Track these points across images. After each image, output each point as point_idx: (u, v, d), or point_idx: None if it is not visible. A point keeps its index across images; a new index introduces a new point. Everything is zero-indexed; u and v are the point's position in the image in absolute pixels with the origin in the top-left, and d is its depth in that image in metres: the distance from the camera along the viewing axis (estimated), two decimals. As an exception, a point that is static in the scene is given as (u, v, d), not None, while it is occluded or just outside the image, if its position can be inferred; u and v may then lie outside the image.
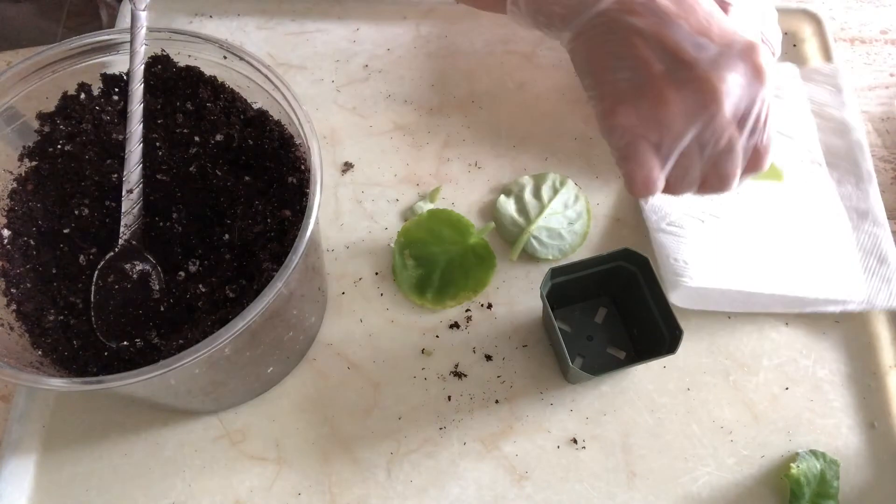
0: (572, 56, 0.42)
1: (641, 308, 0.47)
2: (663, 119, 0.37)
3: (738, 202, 0.52)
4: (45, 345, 0.40)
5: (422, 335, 0.50)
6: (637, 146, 0.38)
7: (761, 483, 0.46)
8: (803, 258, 0.50)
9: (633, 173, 0.39)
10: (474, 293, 0.51)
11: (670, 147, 0.38)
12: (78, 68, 0.43)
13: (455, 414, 0.48)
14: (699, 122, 0.37)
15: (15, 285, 0.41)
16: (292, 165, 0.42)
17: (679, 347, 0.43)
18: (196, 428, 0.47)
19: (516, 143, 0.58)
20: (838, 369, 0.50)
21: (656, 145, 0.38)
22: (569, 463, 0.46)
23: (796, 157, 0.55)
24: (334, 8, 0.63)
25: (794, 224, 0.52)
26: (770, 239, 0.51)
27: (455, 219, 0.53)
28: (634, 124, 0.38)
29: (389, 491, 0.45)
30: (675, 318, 0.44)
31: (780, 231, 0.52)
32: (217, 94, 0.44)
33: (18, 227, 0.42)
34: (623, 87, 0.38)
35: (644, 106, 0.37)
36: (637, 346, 0.49)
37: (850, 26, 0.66)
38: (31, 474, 0.45)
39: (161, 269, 0.43)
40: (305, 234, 0.36)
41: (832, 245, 0.51)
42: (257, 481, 0.45)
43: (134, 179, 0.41)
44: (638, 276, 0.47)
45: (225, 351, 0.37)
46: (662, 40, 0.37)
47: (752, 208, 0.52)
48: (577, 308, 0.51)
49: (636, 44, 0.37)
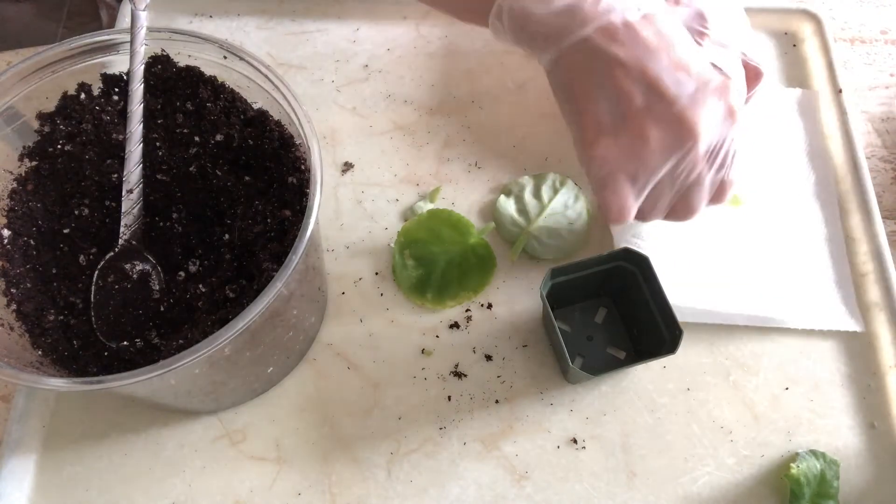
0: (551, 77, 0.43)
1: (641, 308, 0.47)
2: (641, 154, 0.38)
3: (702, 218, 0.53)
4: (45, 345, 0.40)
5: (422, 335, 0.50)
6: (615, 177, 0.39)
7: (761, 483, 0.46)
8: (760, 277, 0.51)
9: (609, 203, 0.40)
10: (474, 293, 0.51)
11: (646, 179, 0.39)
12: (78, 68, 0.43)
13: (455, 414, 0.48)
14: (675, 158, 0.39)
15: (15, 285, 0.41)
16: (292, 165, 0.42)
17: (679, 347, 0.43)
18: (196, 428, 0.47)
19: (516, 143, 0.58)
20: (838, 369, 0.50)
21: (632, 176, 0.39)
22: (569, 463, 0.46)
23: (766, 180, 0.55)
24: (334, 8, 0.63)
25: (752, 241, 0.53)
26: (729, 254, 0.52)
27: (455, 219, 0.53)
28: (614, 157, 0.39)
29: (389, 491, 0.45)
30: (675, 317, 0.44)
31: (739, 246, 0.53)
32: (217, 94, 0.44)
33: (18, 227, 0.42)
34: (604, 118, 0.39)
35: (624, 140, 0.39)
36: (637, 346, 0.49)
37: (850, 26, 0.66)
38: (31, 474, 0.45)
39: (161, 269, 0.43)
40: (305, 234, 0.36)
41: (799, 267, 0.52)
42: (257, 481, 0.45)
43: (134, 179, 0.41)
44: (637, 276, 0.47)
45: (225, 351, 0.37)
46: (644, 73, 0.38)
47: (718, 223, 0.53)
48: (577, 308, 0.51)
49: (617, 75, 0.38)
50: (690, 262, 0.52)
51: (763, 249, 0.53)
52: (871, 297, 0.51)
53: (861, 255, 0.53)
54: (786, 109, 0.59)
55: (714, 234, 0.53)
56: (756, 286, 0.51)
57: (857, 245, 0.53)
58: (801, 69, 0.61)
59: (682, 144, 0.38)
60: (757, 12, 0.63)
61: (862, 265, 0.53)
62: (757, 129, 0.57)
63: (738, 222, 0.54)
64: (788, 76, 0.61)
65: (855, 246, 0.53)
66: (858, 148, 0.56)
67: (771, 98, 0.59)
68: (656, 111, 0.38)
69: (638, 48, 0.38)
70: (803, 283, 0.52)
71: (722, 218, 0.54)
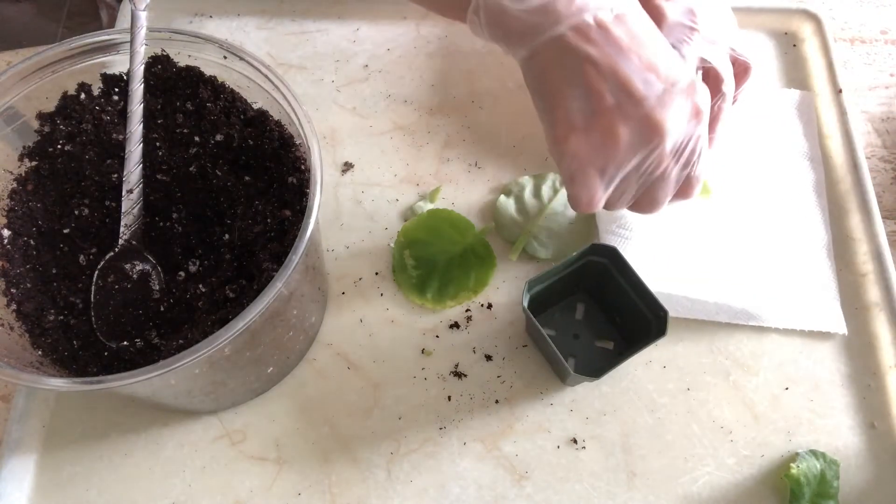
0: (525, 73, 0.44)
1: (620, 297, 0.47)
2: (610, 150, 0.40)
3: (689, 209, 0.53)
4: (45, 345, 0.40)
5: (422, 335, 0.50)
6: (585, 171, 0.41)
7: (761, 483, 0.46)
8: (744, 273, 0.51)
9: (579, 195, 0.42)
10: (474, 293, 0.51)
11: (614, 173, 0.41)
12: (78, 68, 0.43)
13: (455, 414, 0.48)
14: (642, 154, 0.40)
15: (15, 285, 0.41)
16: (292, 165, 0.42)
17: (667, 328, 0.43)
18: (196, 428, 0.47)
19: (516, 143, 0.58)
20: (838, 369, 0.50)
21: (601, 170, 0.41)
22: (569, 463, 0.46)
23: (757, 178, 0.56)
24: (334, 8, 0.63)
25: (739, 238, 0.53)
26: (714, 246, 0.52)
27: (455, 219, 0.53)
28: (584, 152, 0.40)
29: (389, 491, 0.45)
30: (656, 300, 0.44)
31: (725, 239, 0.53)
32: (217, 94, 0.44)
33: (18, 227, 0.42)
34: (575, 115, 0.40)
35: (595, 137, 0.40)
36: (623, 334, 0.49)
37: (850, 26, 0.66)
38: (31, 474, 0.45)
39: (161, 269, 0.43)
40: (305, 234, 0.36)
41: (778, 265, 0.52)
42: (257, 481, 0.45)
43: (134, 179, 0.41)
44: (610, 268, 0.47)
45: (225, 351, 0.37)
46: (614, 72, 0.39)
47: (703, 215, 0.53)
48: (556, 310, 0.51)
49: (589, 73, 0.39)
50: (674, 255, 0.52)
51: (749, 246, 0.53)
52: (871, 297, 0.51)
53: (861, 255, 0.53)
54: (783, 111, 0.59)
55: (699, 229, 0.53)
56: (740, 282, 0.51)
57: (857, 245, 0.53)
58: (801, 69, 0.61)
59: (649, 142, 0.40)
60: (757, 12, 0.63)
61: (862, 265, 0.53)
62: (753, 129, 0.57)
63: (726, 218, 0.54)
64: (788, 76, 0.61)
65: (855, 246, 0.53)
66: (858, 148, 0.56)
67: (768, 99, 0.59)
68: (625, 110, 0.39)
69: (609, 48, 0.39)
70: (789, 283, 0.51)
71: (710, 213, 0.54)
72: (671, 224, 0.53)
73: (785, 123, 0.58)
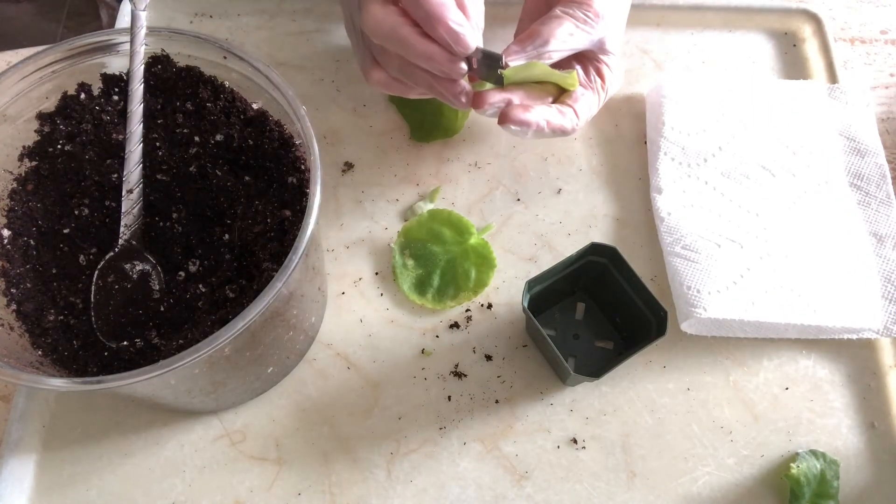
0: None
1: (620, 296, 0.47)
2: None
3: (755, 225, 0.51)
4: (45, 345, 0.40)
5: (422, 335, 0.50)
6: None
7: (761, 483, 0.46)
8: (821, 285, 0.49)
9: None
10: (474, 293, 0.51)
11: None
12: (78, 68, 0.43)
13: (455, 414, 0.48)
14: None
15: (15, 285, 0.41)
16: (292, 165, 0.42)
17: (667, 328, 0.43)
18: (196, 428, 0.47)
19: (516, 143, 0.57)
20: (838, 369, 0.50)
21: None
22: (569, 463, 0.46)
23: (818, 178, 0.54)
24: (334, 8, 0.63)
25: (812, 249, 0.50)
26: (787, 264, 0.50)
27: (455, 219, 0.53)
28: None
29: (389, 491, 0.45)
30: (657, 301, 0.44)
31: (798, 256, 0.50)
32: (217, 94, 0.44)
33: (18, 227, 0.42)
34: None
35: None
36: (623, 334, 0.49)
37: (850, 26, 0.66)
38: (31, 474, 0.45)
39: (161, 269, 0.43)
40: (305, 234, 0.36)
41: (850, 271, 0.50)
42: (257, 481, 0.45)
43: (134, 179, 0.41)
44: (609, 267, 0.47)
45: (225, 351, 0.37)
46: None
47: (770, 232, 0.51)
48: (556, 310, 0.51)
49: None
50: (742, 280, 0.49)
51: (820, 256, 0.50)
52: (871, 297, 0.51)
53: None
54: (834, 105, 0.57)
55: (768, 244, 0.51)
56: (802, 294, 0.49)
57: (857, 245, 0.53)
58: (802, 69, 0.61)
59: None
60: (757, 12, 0.63)
61: (862, 265, 0.53)
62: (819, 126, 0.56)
63: (794, 228, 0.51)
64: (788, 76, 0.61)
65: (855, 246, 0.53)
66: (858, 148, 0.56)
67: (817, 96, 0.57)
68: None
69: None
70: (850, 288, 0.49)
71: (777, 223, 0.52)
72: (734, 242, 0.51)
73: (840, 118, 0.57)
